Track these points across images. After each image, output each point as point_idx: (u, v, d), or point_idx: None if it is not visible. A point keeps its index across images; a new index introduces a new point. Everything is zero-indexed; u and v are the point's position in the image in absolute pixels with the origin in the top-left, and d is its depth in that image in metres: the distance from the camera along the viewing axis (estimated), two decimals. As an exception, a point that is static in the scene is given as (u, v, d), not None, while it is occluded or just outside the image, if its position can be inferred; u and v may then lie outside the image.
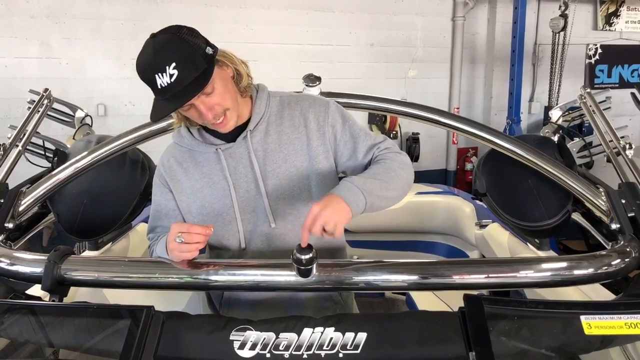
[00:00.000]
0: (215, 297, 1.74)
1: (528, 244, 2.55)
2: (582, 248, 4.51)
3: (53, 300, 1.44)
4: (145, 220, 3.19)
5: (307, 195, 1.60)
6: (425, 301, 3.36)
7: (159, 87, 1.39)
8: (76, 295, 1.96)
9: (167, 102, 1.42)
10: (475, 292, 1.47)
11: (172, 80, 1.37)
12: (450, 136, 7.14)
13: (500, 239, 2.89)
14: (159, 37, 1.41)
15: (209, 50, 1.44)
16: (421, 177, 6.72)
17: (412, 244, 3.87)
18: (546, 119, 6.93)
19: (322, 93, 2.03)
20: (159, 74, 1.38)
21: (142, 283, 1.47)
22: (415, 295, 3.23)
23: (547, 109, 6.81)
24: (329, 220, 1.35)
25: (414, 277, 1.47)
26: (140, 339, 1.17)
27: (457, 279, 1.46)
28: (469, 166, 7.15)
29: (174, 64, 1.37)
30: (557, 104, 6.86)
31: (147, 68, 1.40)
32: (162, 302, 2.17)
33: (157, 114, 1.45)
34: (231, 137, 1.59)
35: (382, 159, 1.60)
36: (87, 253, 2.44)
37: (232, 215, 1.60)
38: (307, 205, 1.59)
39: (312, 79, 2.03)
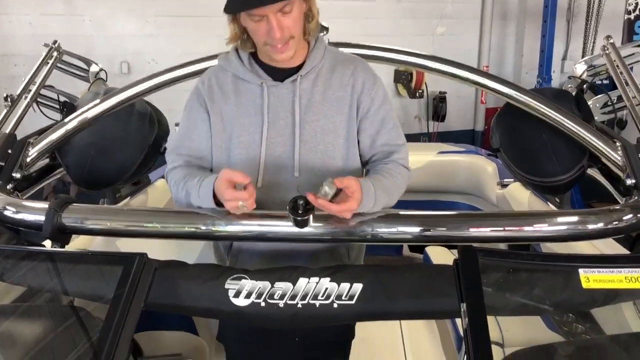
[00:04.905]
0: (224, 247, 1.74)
1: (548, 202, 2.49)
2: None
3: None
4: (164, 176, 3.22)
5: (335, 153, 1.60)
6: (443, 260, 3.33)
7: None
8: (91, 245, 2.00)
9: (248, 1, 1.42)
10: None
11: None
12: (479, 95, 6.96)
13: (521, 198, 2.83)
14: None
15: None
16: (448, 137, 6.63)
17: (432, 203, 3.82)
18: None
19: (331, 43, 1.98)
20: None
21: (139, 232, 1.48)
22: (433, 254, 3.20)
23: (581, 67, 6.55)
24: (344, 214, 1.40)
25: (414, 229, 1.45)
26: (131, 285, 1.18)
27: (457, 232, 1.44)
28: (497, 126, 6.97)
29: None
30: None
31: None
32: (175, 253, 2.19)
33: (236, 7, 1.46)
34: (279, 78, 1.60)
35: (395, 171, 1.60)
36: (106, 207, 2.47)
37: (257, 152, 1.59)
38: (332, 162, 1.60)
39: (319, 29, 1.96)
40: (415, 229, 1.46)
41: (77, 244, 1.94)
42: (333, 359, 1.84)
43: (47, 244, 1.55)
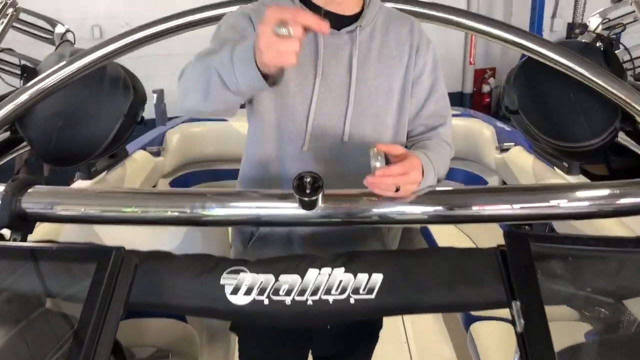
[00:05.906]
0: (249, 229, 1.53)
1: (555, 167, 2.32)
2: (603, 173, 4.24)
3: (14, 239, 1.23)
4: (144, 148, 2.99)
5: (387, 119, 1.44)
6: (441, 229, 3.19)
7: None
8: (61, 231, 1.78)
9: None
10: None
11: None
12: (467, 57, 6.77)
13: (523, 163, 2.68)
14: None
15: None
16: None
17: None
18: (569, 37, 6.52)
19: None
20: None
21: (114, 218, 1.24)
22: (432, 225, 3.04)
23: (571, 26, 6.39)
24: (407, 188, 1.21)
25: (437, 208, 1.25)
26: (107, 286, 0.96)
27: (488, 209, 1.24)
28: (486, 88, 6.82)
29: None
30: (582, 20, 6.44)
31: None
32: (156, 238, 1.97)
33: None
34: (332, 25, 1.36)
35: (440, 147, 1.45)
36: (79, 183, 2.25)
37: (305, 108, 1.38)
38: (383, 129, 1.43)
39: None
40: (436, 209, 1.25)
41: (46, 229, 1.72)
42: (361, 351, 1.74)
43: (6, 233, 1.32)
